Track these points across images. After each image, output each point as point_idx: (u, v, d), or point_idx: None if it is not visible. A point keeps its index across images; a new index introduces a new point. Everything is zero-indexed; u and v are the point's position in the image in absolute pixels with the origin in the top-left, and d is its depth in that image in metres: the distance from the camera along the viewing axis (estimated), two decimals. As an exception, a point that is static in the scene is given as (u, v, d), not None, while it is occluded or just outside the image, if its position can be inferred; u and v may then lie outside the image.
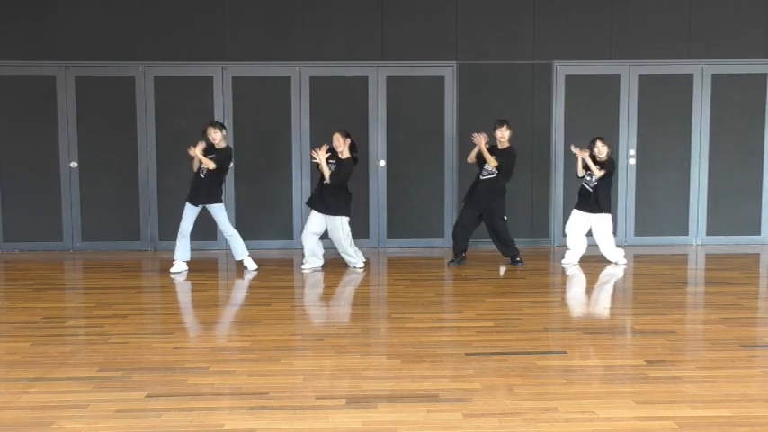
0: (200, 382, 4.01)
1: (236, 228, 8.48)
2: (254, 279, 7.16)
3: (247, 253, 7.60)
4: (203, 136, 7.44)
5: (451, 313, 5.75)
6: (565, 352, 4.56)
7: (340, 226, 7.41)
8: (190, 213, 7.49)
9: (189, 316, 5.66)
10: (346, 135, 7.46)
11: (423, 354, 4.51)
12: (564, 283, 7.05)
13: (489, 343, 4.78)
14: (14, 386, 3.96)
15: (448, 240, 9.01)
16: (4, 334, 5.11)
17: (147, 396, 3.78)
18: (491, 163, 7.54)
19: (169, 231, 8.84)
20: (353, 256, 7.59)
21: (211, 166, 7.27)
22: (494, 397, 3.74)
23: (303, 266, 7.55)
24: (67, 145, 8.77)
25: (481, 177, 7.68)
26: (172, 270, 7.42)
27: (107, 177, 8.82)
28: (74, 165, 8.79)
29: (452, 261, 7.79)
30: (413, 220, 9.00)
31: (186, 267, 7.49)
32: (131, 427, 3.40)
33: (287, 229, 8.97)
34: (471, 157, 7.76)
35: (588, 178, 7.69)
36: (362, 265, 7.61)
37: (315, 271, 7.45)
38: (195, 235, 8.08)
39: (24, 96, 8.71)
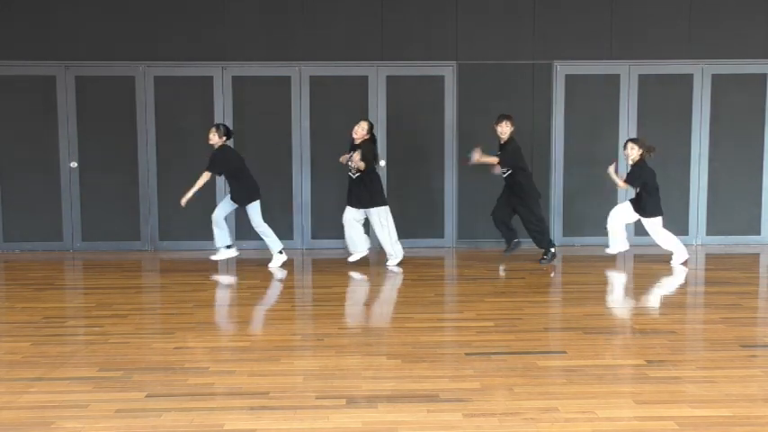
0: (200, 382, 4.01)
1: (237, 227, 8.52)
2: (253, 279, 7.16)
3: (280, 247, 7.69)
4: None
5: (451, 313, 5.75)
6: (565, 352, 4.56)
7: (377, 217, 7.56)
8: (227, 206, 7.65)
9: (189, 316, 5.66)
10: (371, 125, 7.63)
11: (423, 354, 4.51)
12: (564, 283, 7.05)
13: (489, 343, 4.78)
14: (14, 386, 3.95)
15: (448, 240, 9.03)
16: (4, 334, 5.11)
17: (147, 396, 3.78)
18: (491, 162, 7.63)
19: (169, 231, 8.86)
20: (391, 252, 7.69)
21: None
22: (494, 397, 3.74)
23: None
24: (67, 145, 8.77)
25: (504, 176, 7.75)
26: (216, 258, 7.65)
27: (107, 177, 8.82)
28: (74, 165, 8.79)
29: (507, 250, 7.90)
30: (413, 220, 8.99)
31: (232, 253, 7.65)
32: (131, 427, 3.40)
33: (287, 229, 8.96)
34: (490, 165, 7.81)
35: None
36: (396, 263, 7.67)
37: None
38: (196, 235, 8.12)
39: (24, 96, 8.71)
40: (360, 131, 7.51)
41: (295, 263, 8.02)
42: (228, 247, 7.64)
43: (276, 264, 7.63)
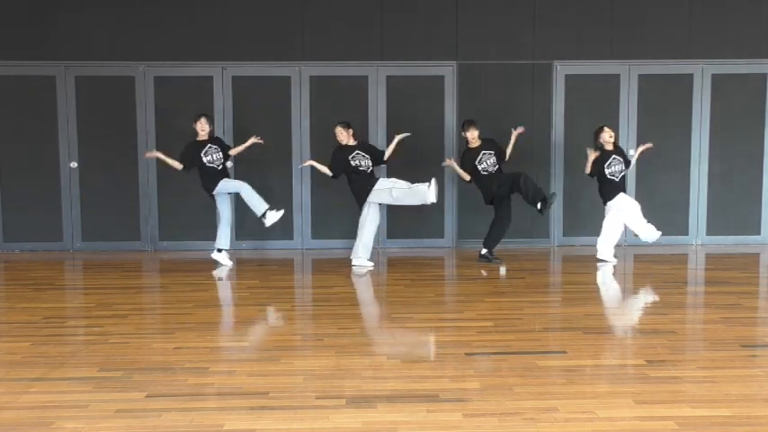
0: (200, 382, 4.01)
1: (237, 228, 8.54)
2: (253, 279, 7.16)
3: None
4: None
5: (451, 313, 5.75)
6: (565, 352, 4.56)
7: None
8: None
9: (189, 316, 5.66)
10: (347, 126, 7.73)
11: (423, 354, 4.50)
12: (564, 283, 7.05)
13: (489, 343, 4.78)
14: (14, 386, 3.95)
15: (448, 240, 9.03)
16: (4, 334, 5.11)
17: (147, 396, 3.78)
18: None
19: (169, 231, 8.87)
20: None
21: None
22: (494, 397, 3.74)
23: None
24: (67, 145, 8.77)
25: (484, 173, 7.73)
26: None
27: (107, 177, 8.82)
28: (74, 165, 8.79)
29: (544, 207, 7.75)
30: (413, 220, 8.99)
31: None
32: (131, 427, 3.40)
33: (287, 230, 8.97)
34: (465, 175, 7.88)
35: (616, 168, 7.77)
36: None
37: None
38: (195, 235, 8.11)
39: (24, 96, 8.71)
40: (347, 134, 7.62)
41: (295, 263, 8.02)
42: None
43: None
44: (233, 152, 7.94)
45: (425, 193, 7.41)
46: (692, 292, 6.54)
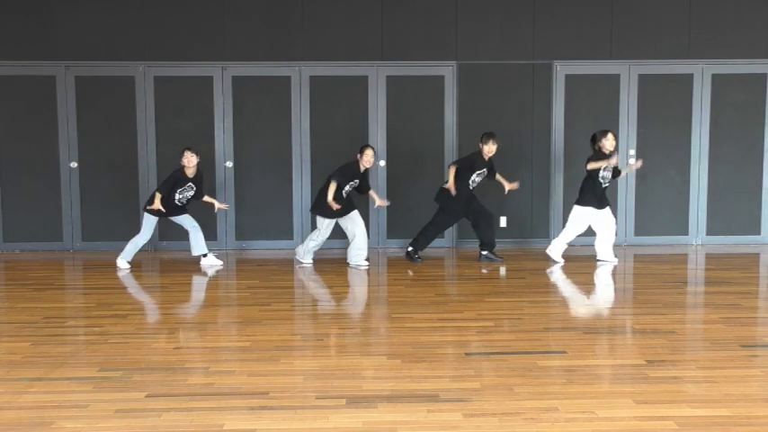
0: (200, 382, 4.01)
1: (237, 227, 8.54)
2: (253, 279, 7.16)
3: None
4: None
5: (451, 313, 5.75)
6: (565, 352, 4.56)
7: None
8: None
9: (189, 316, 5.65)
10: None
11: (423, 354, 4.51)
12: (563, 284, 7.05)
13: (489, 343, 4.78)
14: (14, 386, 3.95)
15: (448, 240, 9.03)
16: (4, 334, 5.11)
17: (147, 396, 3.78)
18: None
19: (169, 232, 8.86)
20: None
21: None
22: (494, 397, 3.74)
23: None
24: (67, 145, 8.77)
25: (469, 181, 7.79)
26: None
27: (107, 177, 8.82)
28: (74, 165, 8.79)
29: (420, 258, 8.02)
30: (413, 220, 8.99)
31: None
32: (131, 427, 3.40)
33: (287, 229, 8.97)
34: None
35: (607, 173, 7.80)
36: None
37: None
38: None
39: (24, 96, 8.71)
40: (368, 163, 7.64)
41: (295, 263, 8.02)
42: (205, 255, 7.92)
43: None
44: (205, 198, 7.84)
45: (355, 257, 7.73)
46: (692, 292, 6.54)
